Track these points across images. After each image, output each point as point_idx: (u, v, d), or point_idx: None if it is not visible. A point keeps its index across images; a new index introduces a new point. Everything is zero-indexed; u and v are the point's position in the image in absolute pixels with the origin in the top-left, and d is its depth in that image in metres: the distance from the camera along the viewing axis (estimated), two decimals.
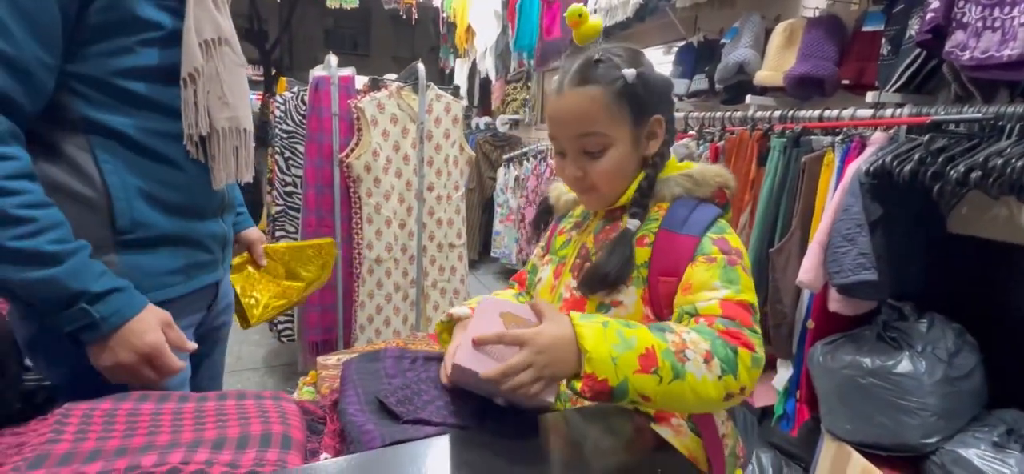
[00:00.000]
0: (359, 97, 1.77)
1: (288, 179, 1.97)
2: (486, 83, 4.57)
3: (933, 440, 1.14)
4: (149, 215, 0.70)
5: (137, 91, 0.67)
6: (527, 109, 4.23)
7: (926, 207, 1.29)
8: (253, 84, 7.62)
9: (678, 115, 2.13)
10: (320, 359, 1.19)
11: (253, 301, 1.09)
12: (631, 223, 0.68)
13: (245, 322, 1.08)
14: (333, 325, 1.93)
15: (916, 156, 1.12)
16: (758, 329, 0.60)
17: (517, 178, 3.64)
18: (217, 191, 0.78)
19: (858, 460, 1.23)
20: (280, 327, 2.08)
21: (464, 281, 2.08)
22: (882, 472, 1.17)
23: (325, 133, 1.79)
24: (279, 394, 0.75)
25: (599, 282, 0.66)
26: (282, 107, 1.93)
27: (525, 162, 3.62)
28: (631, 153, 0.69)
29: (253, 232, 1.07)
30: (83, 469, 0.51)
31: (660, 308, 0.67)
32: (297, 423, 0.67)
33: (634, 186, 0.71)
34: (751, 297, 0.62)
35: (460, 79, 4.66)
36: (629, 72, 0.66)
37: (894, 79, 1.38)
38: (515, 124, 4.35)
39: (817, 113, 1.50)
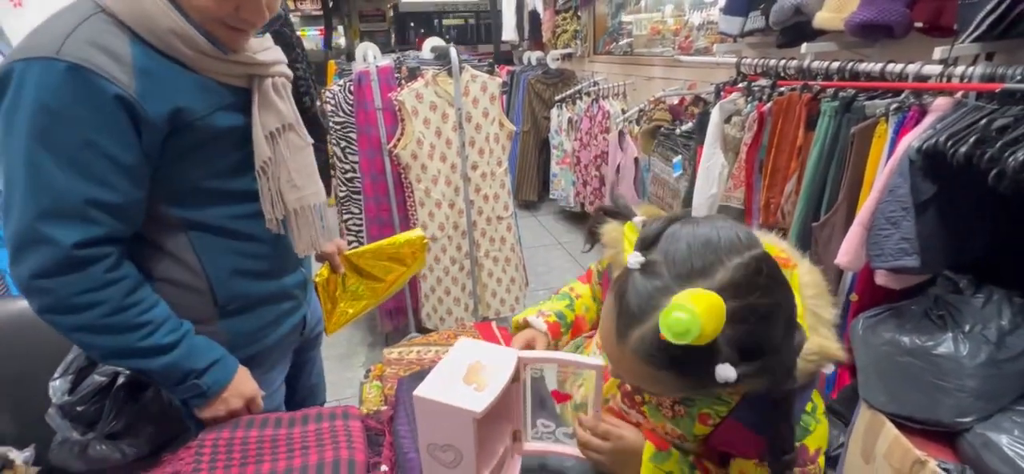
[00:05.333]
0: (398, 89, 1.86)
1: (347, 167, 2.15)
2: (535, 15, 4.38)
3: (968, 419, 1.13)
4: (242, 287, 0.84)
5: (222, 188, 0.79)
6: (579, 41, 4.04)
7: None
8: (313, 19, 7.58)
9: (730, 60, 1.98)
10: (385, 351, 1.40)
11: (330, 308, 1.24)
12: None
13: (326, 327, 1.19)
14: (401, 294, 2.17)
15: (972, 139, 1.01)
16: None
17: (570, 120, 3.59)
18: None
19: (890, 430, 1.25)
20: None
21: (515, 249, 2.21)
22: (913, 443, 1.20)
23: (372, 126, 1.91)
24: (348, 410, 0.93)
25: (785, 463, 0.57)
26: (332, 101, 2.07)
27: (578, 101, 3.54)
28: None
29: (331, 245, 1.15)
30: None
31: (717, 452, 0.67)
32: (360, 443, 0.85)
33: None
34: None
35: (508, 12, 4.49)
36: (726, 372, 0.46)
37: (974, 24, 1.20)
38: (567, 58, 4.18)
39: (879, 66, 1.36)
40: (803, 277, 0.58)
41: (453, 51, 1.78)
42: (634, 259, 0.51)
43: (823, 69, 1.51)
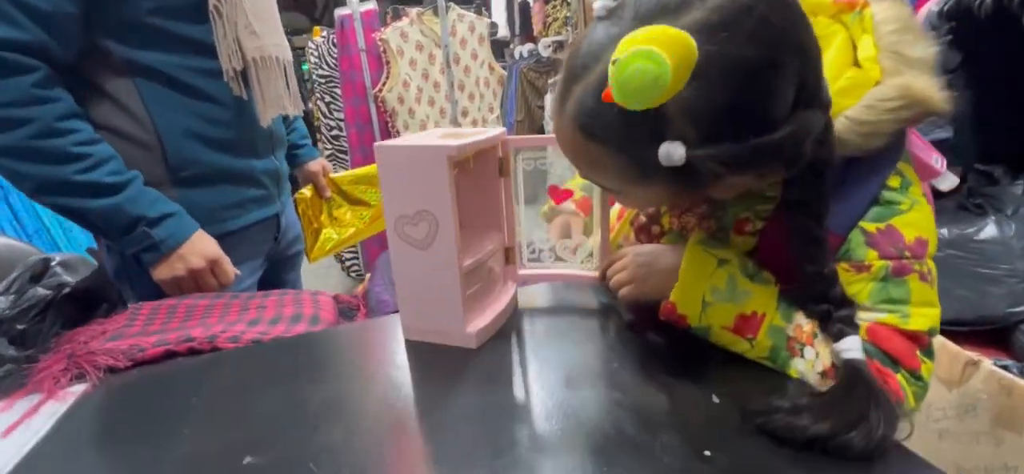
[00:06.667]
0: (382, 29, 1.78)
1: (332, 123, 2.05)
2: (525, 7, 4.38)
3: (1022, 308, 1.01)
4: (198, 152, 0.75)
5: (171, 29, 0.70)
6: (569, 28, 4.01)
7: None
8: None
9: None
10: (368, 276, 1.29)
11: (314, 230, 1.11)
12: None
13: (308, 254, 1.10)
14: None
15: None
16: (923, 372, 0.42)
17: None
18: (265, 128, 0.80)
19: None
20: (347, 262, 2.24)
21: None
22: (961, 348, 1.07)
23: (356, 71, 1.82)
24: (319, 292, 0.82)
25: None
26: (316, 53, 1.99)
27: None
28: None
29: (316, 164, 1.08)
30: (143, 340, 0.60)
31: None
32: (329, 307, 0.73)
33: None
34: (925, 322, 0.42)
35: (497, 7, 4.49)
36: (672, 151, 0.35)
37: None
38: (559, 46, 4.15)
39: None
40: (879, 14, 0.44)
41: None
42: (601, 4, 0.39)
43: None
